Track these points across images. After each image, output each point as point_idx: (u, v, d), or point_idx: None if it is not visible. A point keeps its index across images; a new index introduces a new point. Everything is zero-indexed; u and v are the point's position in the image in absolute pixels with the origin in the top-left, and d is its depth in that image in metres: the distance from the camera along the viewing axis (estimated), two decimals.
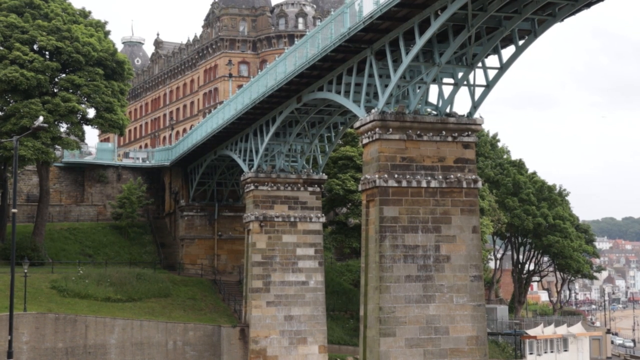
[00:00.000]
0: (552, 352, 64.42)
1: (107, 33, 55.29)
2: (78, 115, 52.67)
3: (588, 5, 26.79)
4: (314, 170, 46.99)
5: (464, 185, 29.21)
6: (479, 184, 29.74)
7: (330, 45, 31.96)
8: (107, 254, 59.37)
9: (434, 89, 30.20)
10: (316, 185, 46.70)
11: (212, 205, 60.43)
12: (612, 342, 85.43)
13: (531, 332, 64.31)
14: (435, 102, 30.04)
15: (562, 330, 66.65)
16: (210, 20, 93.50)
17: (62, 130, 53.60)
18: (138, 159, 69.38)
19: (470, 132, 29.58)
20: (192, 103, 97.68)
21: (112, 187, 66.67)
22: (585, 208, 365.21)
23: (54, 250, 57.36)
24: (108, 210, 65.49)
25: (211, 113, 53.59)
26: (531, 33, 28.10)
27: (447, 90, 29.86)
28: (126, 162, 68.68)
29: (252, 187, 46.09)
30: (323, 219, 46.91)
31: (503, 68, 29.36)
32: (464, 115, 29.66)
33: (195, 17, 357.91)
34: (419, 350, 27.91)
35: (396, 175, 28.46)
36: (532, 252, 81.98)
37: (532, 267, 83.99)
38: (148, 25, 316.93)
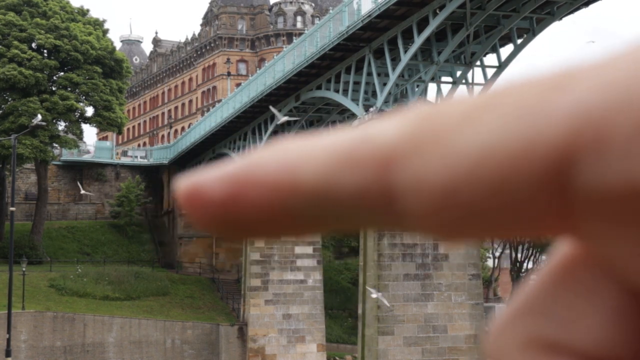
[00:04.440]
0: None
1: (105, 31, 55.27)
2: (76, 113, 52.67)
3: (586, 4, 26.85)
4: None
5: None
6: None
7: (329, 43, 31.98)
8: (105, 253, 59.34)
9: (432, 88, 30.26)
10: None
11: None
12: None
13: None
14: (434, 101, 30.04)
15: None
16: (208, 19, 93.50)
17: (60, 128, 53.57)
18: (136, 157, 69.33)
19: None
20: (190, 101, 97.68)
21: (110, 185, 66.62)
22: None
23: (52, 249, 57.33)
24: (106, 209, 65.44)
25: (209, 111, 53.61)
26: (530, 31, 28.12)
27: (445, 88, 29.90)
28: (124, 160, 68.60)
29: None
30: None
31: (502, 67, 29.39)
32: None
33: (193, 16, 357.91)
34: (417, 349, 27.95)
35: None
36: (530, 251, 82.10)
37: (530, 265, 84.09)
38: (146, 23, 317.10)
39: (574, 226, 0.30)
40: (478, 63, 29.48)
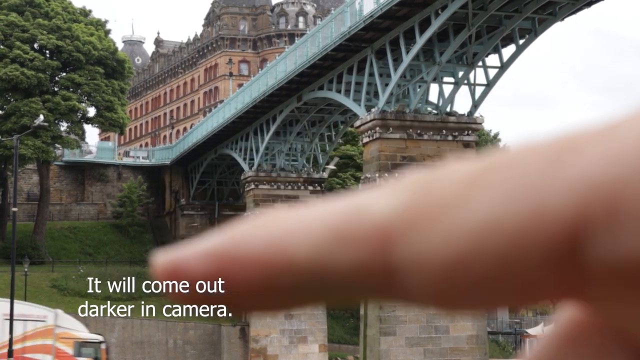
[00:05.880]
0: None
1: (107, 32, 55.32)
2: (78, 114, 52.73)
3: (589, 4, 26.83)
4: (314, 170, 47.00)
5: None
6: None
7: (331, 44, 31.98)
8: (107, 253, 59.39)
9: (434, 88, 30.24)
10: (316, 185, 46.71)
11: (212, 204, 60.43)
12: None
13: (531, 331, 64.24)
14: (435, 101, 30.06)
15: None
16: (210, 19, 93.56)
17: (62, 129, 53.63)
18: (138, 157, 69.35)
19: (470, 131, 29.60)
20: (192, 102, 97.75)
21: (112, 185, 66.66)
22: None
23: (54, 249, 57.38)
24: (108, 209, 65.48)
25: (211, 112, 53.65)
26: (532, 32, 28.11)
27: (447, 89, 29.90)
28: (126, 160, 68.63)
29: (253, 186, 46.10)
30: None
31: (503, 67, 29.38)
32: (464, 115, 29.69)
33: (195, 16, 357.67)
34: (419, 349, 27.93)
35: (396, 175, 28.50)
36: None
37: None
38: (148, 24, 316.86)
39: (583, 293, 0.29)
40: (480, 63, 29.47)
